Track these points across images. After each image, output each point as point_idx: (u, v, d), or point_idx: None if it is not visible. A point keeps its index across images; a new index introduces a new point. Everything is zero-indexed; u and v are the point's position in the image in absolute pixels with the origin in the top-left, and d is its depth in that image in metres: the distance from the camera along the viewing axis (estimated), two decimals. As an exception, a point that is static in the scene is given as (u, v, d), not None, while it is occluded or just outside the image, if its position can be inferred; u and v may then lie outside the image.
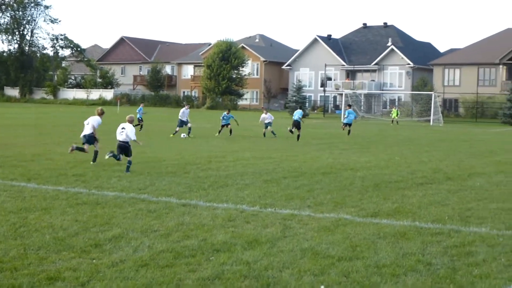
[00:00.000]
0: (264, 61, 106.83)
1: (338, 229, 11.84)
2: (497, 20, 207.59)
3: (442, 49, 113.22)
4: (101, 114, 21.75)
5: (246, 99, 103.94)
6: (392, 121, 64.47)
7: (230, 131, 36.29)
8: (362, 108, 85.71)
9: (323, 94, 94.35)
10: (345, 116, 42.07)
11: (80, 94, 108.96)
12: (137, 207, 13.52)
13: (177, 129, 35.78)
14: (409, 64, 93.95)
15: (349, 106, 42.63)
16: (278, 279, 8.79)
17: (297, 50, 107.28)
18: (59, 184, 16.40)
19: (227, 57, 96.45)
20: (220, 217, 12.65)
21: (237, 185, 16.87)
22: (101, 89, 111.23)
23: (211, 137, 34.90)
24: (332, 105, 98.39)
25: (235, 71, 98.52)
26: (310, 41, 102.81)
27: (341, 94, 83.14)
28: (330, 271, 9.16)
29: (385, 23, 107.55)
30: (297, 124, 35.29)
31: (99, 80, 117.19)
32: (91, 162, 20.70)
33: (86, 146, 21.08)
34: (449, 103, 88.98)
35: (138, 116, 39.50)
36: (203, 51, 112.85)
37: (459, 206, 14.53)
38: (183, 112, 36.24)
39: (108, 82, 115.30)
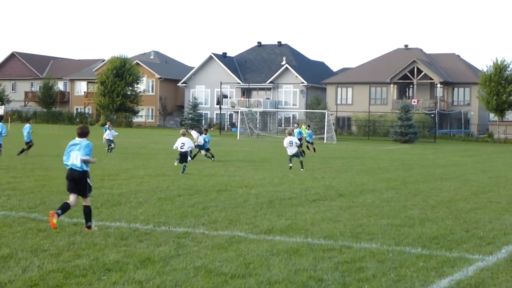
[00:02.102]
0: (159, 78, 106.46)
1: (231, 246, 11.85)
2: (388, 40, 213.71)
3: (334, 68, 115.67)
4: None
5: (141, 116, 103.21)
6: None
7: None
8: (257, 125, 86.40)
9: (219, 112, 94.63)
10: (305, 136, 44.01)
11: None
12: (27, 226, 13.16)
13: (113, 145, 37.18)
14: (303, 82, 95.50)
15: (297, 124, 44.94)
16: (171, 298, 8.71)
17: (193, 68, 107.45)
18: None
19: (121, 73, 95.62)
20: (112, 236, 12.45)
21: (130, 203, 16.67)
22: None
23: (103, 155, 34.41)
24: (228, 122, 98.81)
25: (130, 88, 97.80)
26: (206, 58, 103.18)
27: (237, 112, 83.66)
28: (223, 289, 9.15)
29: (279, 42, 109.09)
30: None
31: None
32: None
33: None
34: (342, 121, 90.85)
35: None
36: (97, 67, 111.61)
37: (350, 222, 14.78)
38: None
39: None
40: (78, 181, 12.83)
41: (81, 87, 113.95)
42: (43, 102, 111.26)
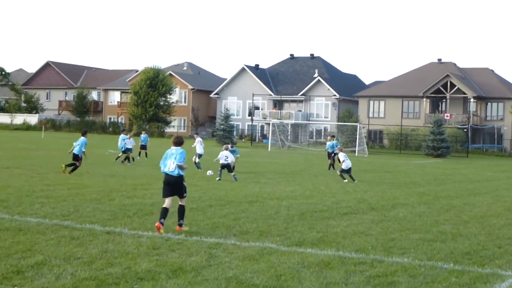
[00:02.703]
0: (192, 89, 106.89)
1: (263, 258, 11.87)
2: (421, 53, 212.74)
3: (367, 81, 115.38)
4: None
5: (173, 126, 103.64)
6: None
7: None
8: (289, 137, 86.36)
9: (250, 123, 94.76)
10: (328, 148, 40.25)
11: (3, 118, 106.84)
12: (60, 233, 13.30)
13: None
14: (335, 95, 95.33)
15: (333, 137, 42.24)
16: (202, 308, 8.75)
17: (225, 79, 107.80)
18: (-21, 210, 16.03)
19: (154, 84, 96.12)
20: (144, 245, 12.54)
21: (162, 213, 16.74)
22: (25, 114, 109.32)
23: (136, 164, 34.65)
24: (259, 134, 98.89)
25: (163, 98, 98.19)
26: (238, 70, 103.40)
27: (269, 124, 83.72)
28: (254, 300, 9.17)
29: (311, 55, 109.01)
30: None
31: (23, 104, 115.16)
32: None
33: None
34: (374, 134, 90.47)
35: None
36: (130, 78, 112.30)
37: (382, 236, 14.74)
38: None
39: (32, 107, 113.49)
40: (174, 185, 14.58)
41: (115, 97, 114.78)
42: (76, 111, 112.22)
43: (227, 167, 28.37)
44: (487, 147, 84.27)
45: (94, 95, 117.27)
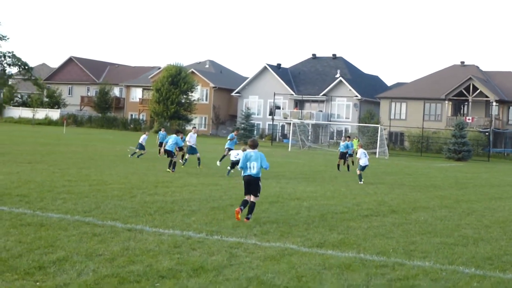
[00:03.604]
0: (213, 87, 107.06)
1: (284, 258, 11.86)
2: (444, 56, 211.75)
3: (389, 82, 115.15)
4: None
5: (194, 124, 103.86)
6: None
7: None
8: (309, 138, 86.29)
9: (271, 123, 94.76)
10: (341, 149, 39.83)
11: (26, 113, 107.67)
12: (82, 230, 13.37)
13: (187, 156, 33.84)
14: (356, 96, 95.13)
15: (348, 137, 41.44)
16: (223, 307, 8.75)
17: (247, 78, 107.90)
18: (3, 204, 16.14)
19: (176, 81, 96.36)
20: (166, 243, 12.57)
21: (183, 211, 16.80)
22: (47, 109, 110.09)
23: (157, 161, 34.73)
24: (280, 133, 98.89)
25: (184, 96, 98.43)
26: (260, 69, 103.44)
27: (289, 123, 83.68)
28: (275, 301, 9.17)
29: (334, 55, 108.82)
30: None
31: (46, 99, 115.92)
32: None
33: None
34: (395, 136, 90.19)
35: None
36: (153, 75, 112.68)
37: (403, 239, 14.69)
38: (191, 137, 33.87)
39: (55, 102, 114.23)
40: (253, 185, 16.24)
41: (137, 94, 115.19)
42: (98, 107, 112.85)
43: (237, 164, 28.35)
44: (509, 152, 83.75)
45: (116, 91, 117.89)
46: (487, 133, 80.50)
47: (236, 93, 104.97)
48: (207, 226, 14.77)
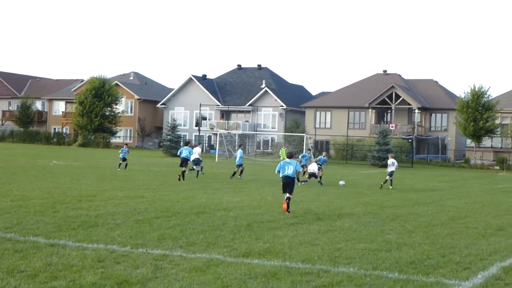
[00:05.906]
0: (138, 99, 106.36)
1: (209, 269, 11.82)
2: (367, 65, 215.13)
3: (314, 92, 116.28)
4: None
5: (119, 137, 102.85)
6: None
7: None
8: (236, 148, 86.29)
9: (198, 134, 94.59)
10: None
11: None
12: (3, 246, 13.06)
13: (195, 166, 38.51)
14: (282, 106, 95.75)
15: (309, 150, 44.18)
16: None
17: (172, 89, 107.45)
18: None
19: (100, 94, 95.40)
20: (89, 257, 12.38)
21: (108, 225, 16.59)
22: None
23: (81, 176, 34.25)
24: (206, 144, 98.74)
25: (109, 109, 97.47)
26: (185, 80, 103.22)
27: (216, 134, 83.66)
28: (200, 312, 9.11)
29: (259, 65, 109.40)
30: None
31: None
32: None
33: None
34: (320, 145, 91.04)
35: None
36: (76, 87, 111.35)
37: (328, 246, 14.81)
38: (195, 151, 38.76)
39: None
40: (291, 184, 21.47)
41: (59, 107, 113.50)
42: (20, 121, 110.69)
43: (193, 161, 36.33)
44: (432, 157, 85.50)
45: (38, 105, 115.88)
46: (410, 140, 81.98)
47: (161, 104, 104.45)
48: (132, 239, 14.61)
